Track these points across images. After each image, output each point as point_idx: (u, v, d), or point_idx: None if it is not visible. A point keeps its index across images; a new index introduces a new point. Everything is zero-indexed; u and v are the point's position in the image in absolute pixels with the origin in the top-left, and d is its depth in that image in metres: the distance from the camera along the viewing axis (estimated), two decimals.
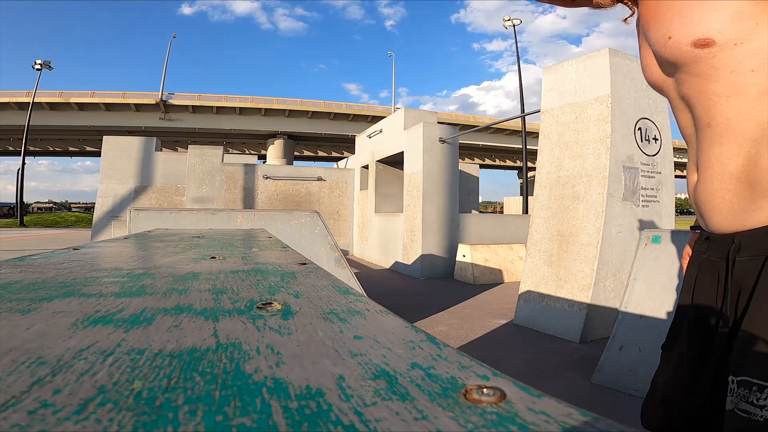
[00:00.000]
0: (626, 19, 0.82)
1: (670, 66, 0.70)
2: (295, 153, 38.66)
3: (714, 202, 0.67)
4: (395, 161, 8.35)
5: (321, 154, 41.22)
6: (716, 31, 0.60)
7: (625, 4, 0.79)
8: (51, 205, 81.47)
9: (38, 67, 26.90)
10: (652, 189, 3.71)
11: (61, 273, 0.60)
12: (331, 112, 35.26)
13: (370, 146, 9.13)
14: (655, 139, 3.78)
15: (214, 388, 0.23)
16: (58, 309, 0.39)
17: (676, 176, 4.06)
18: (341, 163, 12.24)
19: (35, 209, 65.45)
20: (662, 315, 2.33)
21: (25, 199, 27.53)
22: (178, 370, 0.25)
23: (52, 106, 31.29)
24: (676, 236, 2.43)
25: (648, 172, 3.69)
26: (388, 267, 7.68)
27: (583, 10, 0.81)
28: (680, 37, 0.64)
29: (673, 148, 4.06)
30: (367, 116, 35.38)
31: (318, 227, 2.83)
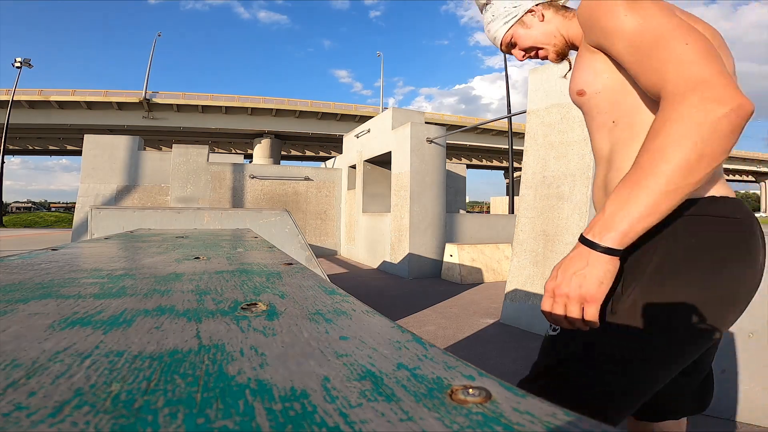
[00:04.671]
0: (565, 74, 1.12)
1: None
2: (283, 153, 38.42)
3: (595, 206, 0.92)
4: (383, 161, 8.35)
5: (308, 153, 41.04)
6: (586, 84, 0.84)
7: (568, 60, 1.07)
8: (30, 204, 79.60)
9: (18, 64, 26.23)
10: None
11: (39, 274, 0.58)
12: (318, 112, 35.12)
13: (357, 146, 9.12)
14: None
15: (195, 390, 0.22)
16: (35, 311, 0.38)
17: None
18: (329, 163, 12.19)
19: (14, 209, 63.88)
20: None
21: (3, 199, 26.76)
22: (159, 372, 0.24)
23: (32, 105, 30.56)
24: None
25: None
26: (375, 267, 7.68)
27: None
28: (571, 89, 0.88)
29: None
30: (354, 116, 35.34)
31: (288, 226, 2.81)
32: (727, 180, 0.84)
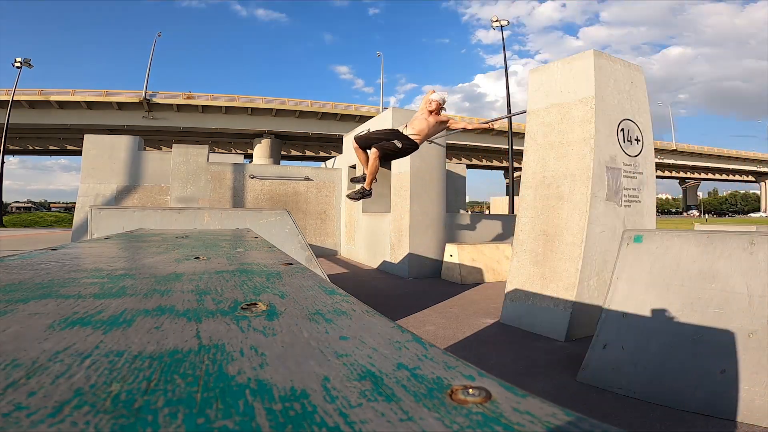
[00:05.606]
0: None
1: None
2: (283, 153, 38.42)
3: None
4: None
5: (309, 153, 41.03)
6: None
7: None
8: (30, 205, 79.67)
9: (18, 65, 26.18)
10: (634, 189, 3.78)
11: (39, 274, 0.58)
12: (318, 112, 35.11)
13: None
14: (637, 140, 3.84)
15: (195, 390, 0.22)
16: (34, 311, 0.38)
17: (657, 177, 4.14)
18: (329, 163, 12.19)
19: (14, 209, 63.93)
20: (644, 313, 2.38)
21: (3, 199, 26.65)
22: (159, 372, 0.24)
23: (32, 105, 30.55)
24: (657, 236, 2.48)
25: (630, 172, 3.75)
26: (375, 267, 7.68)
27: (584, 3, 0.96)
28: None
29: (654, 149, 4.14)
30: (355, 116, 35.34)
31: (288, 226, 2.81)
32: (727, 180, 0.86)
